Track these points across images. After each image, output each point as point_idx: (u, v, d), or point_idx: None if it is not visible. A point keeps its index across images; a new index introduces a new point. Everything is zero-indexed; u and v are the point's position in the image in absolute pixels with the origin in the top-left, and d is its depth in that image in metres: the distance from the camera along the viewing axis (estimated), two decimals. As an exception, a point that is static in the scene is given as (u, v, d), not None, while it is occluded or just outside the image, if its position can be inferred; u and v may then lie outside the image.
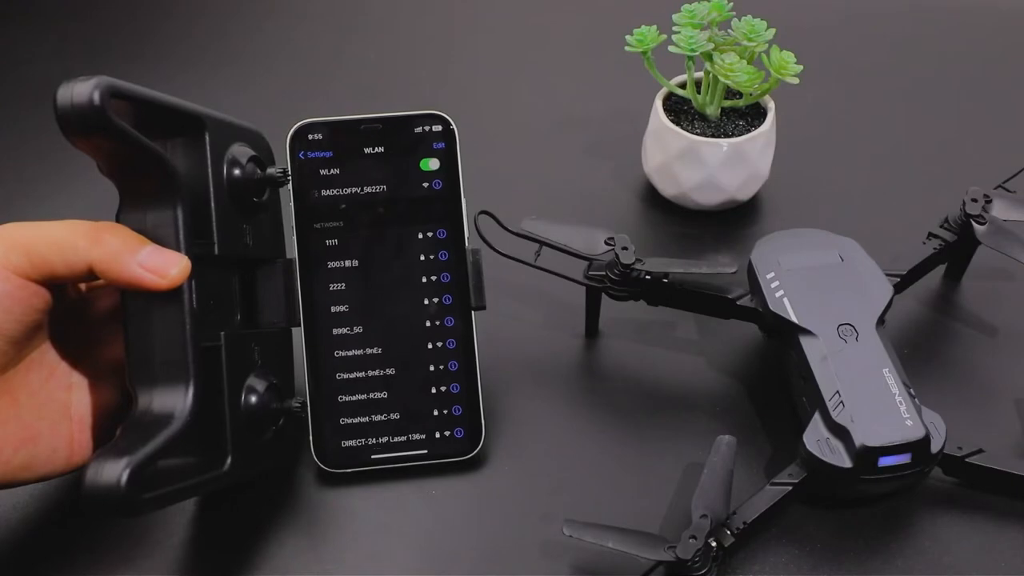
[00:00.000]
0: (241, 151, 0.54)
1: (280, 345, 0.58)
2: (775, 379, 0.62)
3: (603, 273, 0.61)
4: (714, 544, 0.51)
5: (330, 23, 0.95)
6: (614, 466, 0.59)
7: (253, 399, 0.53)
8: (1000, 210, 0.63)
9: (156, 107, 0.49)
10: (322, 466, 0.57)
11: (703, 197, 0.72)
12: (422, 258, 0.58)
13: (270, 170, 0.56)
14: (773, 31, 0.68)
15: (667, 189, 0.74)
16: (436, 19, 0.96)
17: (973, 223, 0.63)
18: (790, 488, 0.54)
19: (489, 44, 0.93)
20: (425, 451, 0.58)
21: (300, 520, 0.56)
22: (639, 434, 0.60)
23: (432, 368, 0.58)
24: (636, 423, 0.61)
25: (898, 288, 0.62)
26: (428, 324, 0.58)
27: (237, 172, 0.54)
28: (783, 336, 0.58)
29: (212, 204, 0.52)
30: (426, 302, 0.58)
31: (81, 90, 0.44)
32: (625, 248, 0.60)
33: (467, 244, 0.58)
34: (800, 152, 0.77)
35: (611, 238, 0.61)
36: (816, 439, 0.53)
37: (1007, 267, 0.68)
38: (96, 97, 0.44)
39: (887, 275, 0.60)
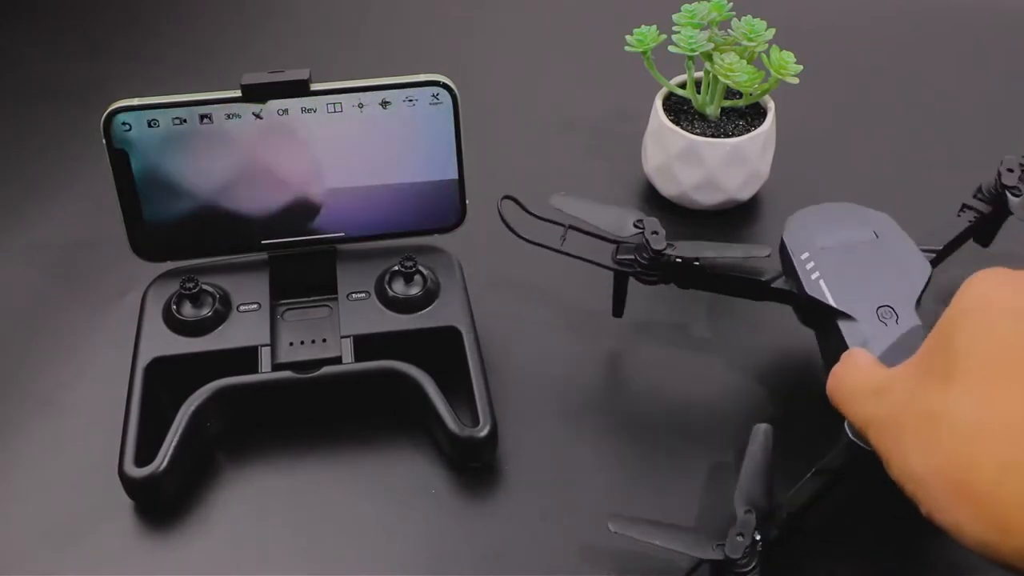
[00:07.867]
0: None
1: None
2: (807, 367, 0.61)
3: (631, 257, 0.59)
4: (759, 538, 0.48)
5: (330, 24, 0.95)
6: (628, 461, 0.59)
7: None
8: None
9: None
10: None
11: (703, 197, 0.72)
12: None
13: None
14: (773, 31, 0.68)
15: (667, 189, 0.74)
16: (435, 20, 0.96)
17: (1008, 194, 0.62)
18: (834, 477, 0.51)
19: (488, 44, 0.93)
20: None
21: (298, 518, 0.56)
22: (656, 425, 0.60)
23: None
24: (654, 415, 0.61)
25: (932, 265, 0.58)
26: None
27: None
28: (820, 320, 0.56)
29: None
30: None
31: None
32: (655, 232, 0.58)
33: None
34: (800, 152, 0.77)
35: (640, 221, 0.59)
36: None
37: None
38: None
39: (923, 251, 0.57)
